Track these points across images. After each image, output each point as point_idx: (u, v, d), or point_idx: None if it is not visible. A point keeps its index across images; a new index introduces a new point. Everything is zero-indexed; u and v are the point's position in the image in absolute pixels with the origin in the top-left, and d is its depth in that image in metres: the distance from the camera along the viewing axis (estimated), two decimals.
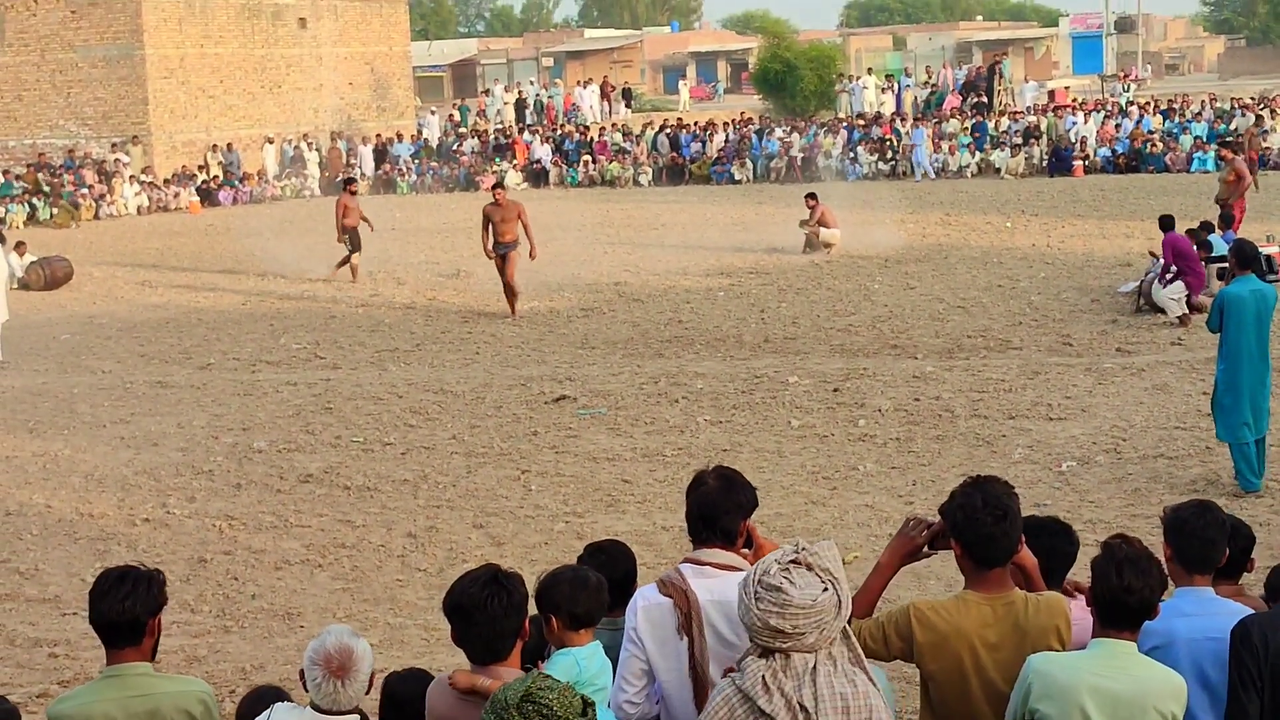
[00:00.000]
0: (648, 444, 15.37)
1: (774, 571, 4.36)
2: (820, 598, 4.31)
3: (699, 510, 5.64)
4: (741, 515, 5.64)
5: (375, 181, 52.34)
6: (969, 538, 5.20)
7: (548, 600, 5.23)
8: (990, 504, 5.16)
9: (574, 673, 4.99)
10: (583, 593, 5.22)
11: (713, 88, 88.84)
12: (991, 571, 5.22)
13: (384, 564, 12.03)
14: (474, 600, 4.90)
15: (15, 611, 11.27)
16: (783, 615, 4.28)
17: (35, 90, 51.05)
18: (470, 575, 5.01)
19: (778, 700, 4.27)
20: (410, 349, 21.37)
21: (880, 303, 23.45)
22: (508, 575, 4.97)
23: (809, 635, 4.29)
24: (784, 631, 4.28)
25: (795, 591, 4.29)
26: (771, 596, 4.30)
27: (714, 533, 5.61)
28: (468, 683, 4.87)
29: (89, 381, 20.10)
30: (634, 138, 53.15)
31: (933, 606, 5.30)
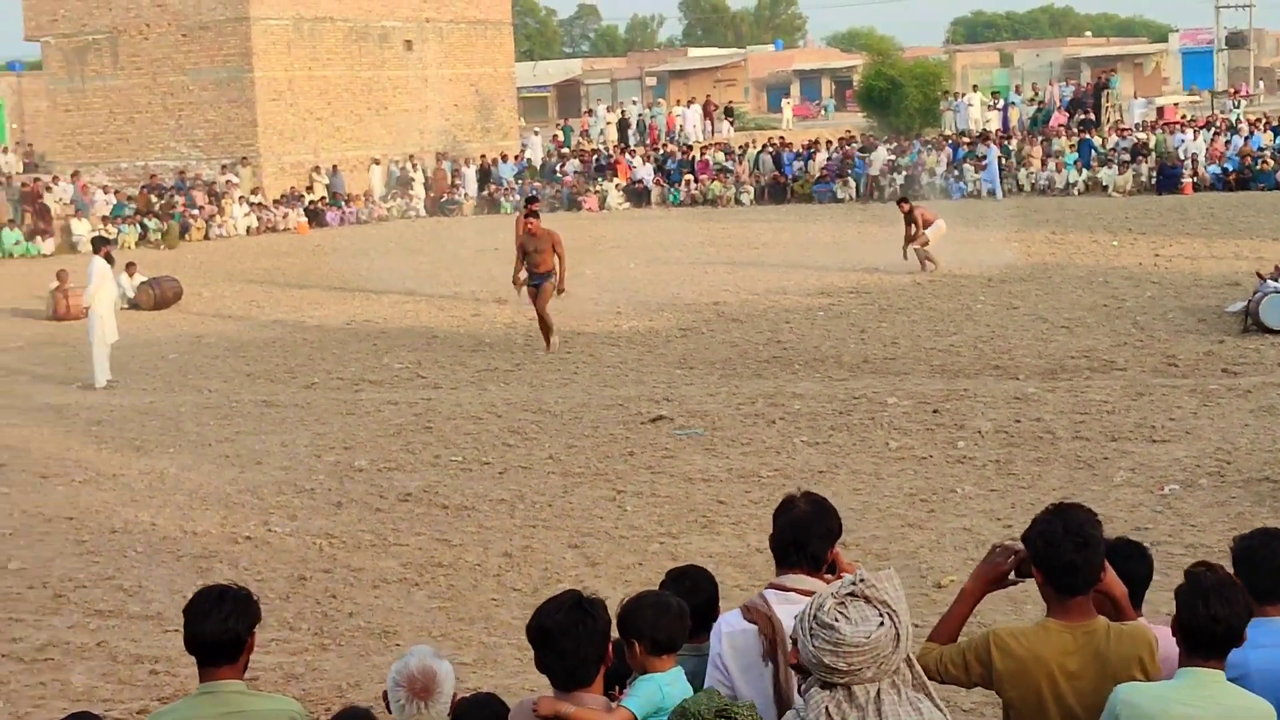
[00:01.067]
0: (744, 465, 15.36)
1: (829, 607, 4.33)
2: (875, 633, 4.28)
3: (789, 534, 5.61)
4: (829, 541, 5.62)
5: (479, 202, 52.77)
6: (1049, 566, 5.15)
7: (630, 625, 5.24)
8: (1071, 532, 5.11)
9: (657, 698, 5.00)
10: (665, 618, 5.22)
11: (818, 105, 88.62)
12: (1073, 599, 5.17)
13: (479, 583, 12.11)
14: (559, 626, 4.91)
15: (118, 628, 11.48)
16: (836, 653, 4.26)
17: (147, 113, 52.06)
18: (554, 601, 5.03)
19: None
20: (510, 369, 21.51)
21: (983, 322, 23.27)
22: (591, 601, 4.98)
23: (866, 670, 4.27)
24: (839, 669, 4.27)
25: (849, 629, 4.26)
26: (825, 634, 4.28)
27: (802, 557, 5.59)
28: (551, 709, 4.88)
29: (196, 400, 20.43)
30: (736, 156, 53.16)
31: (1012, 633, 5.26)
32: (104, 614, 11.82)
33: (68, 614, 11.86)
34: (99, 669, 10.64)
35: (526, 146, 59.02)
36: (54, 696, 9.94)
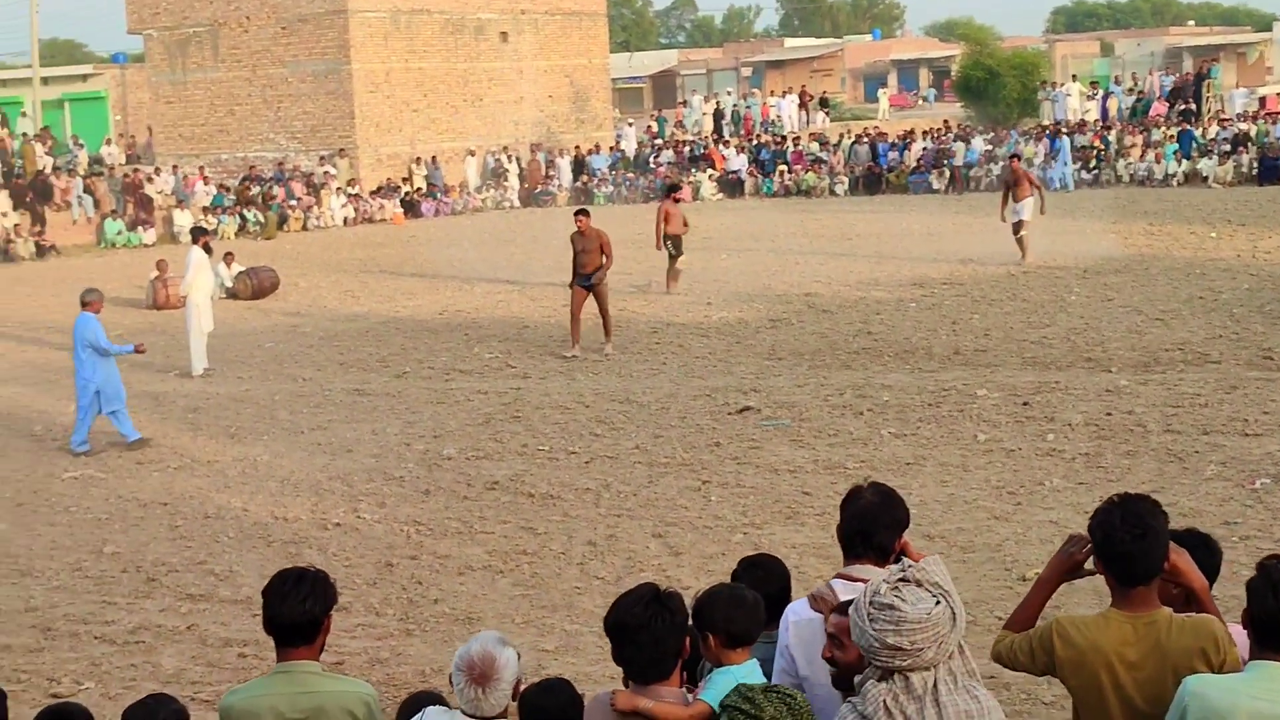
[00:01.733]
0: (830, 456, 15.35)
1: (884, 590, 4.36)
2: (934, 611, 4.30)
3: (856, 525, 5.61)
4: (897, 531, 5.61)
5: (573, 193, 52.94)
6: (1107, 555, 5.15)
7: (705, 618, 5.25)
8: (1129, 522, 5.09)
9: None
10: (740, 611, 5.23)
11: (915, 95, 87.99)
12: (1134, 590, 5.15)
13: (563, 571, 12.20)
14: (637, 620, 4.94)
15: (209, 612, 11.68)
16: (899, 632, 4.27)
17: (247, 105, 52.70)
18: (632, 594, 5.06)
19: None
20: (599, 358, 21.60)
21: (1076, 314, 23.05)
22: (668, 595, 5.01)
23: (927, 650, 4.28)
24: (902, 648, 4.28)
25: (908, 608, 4.28)
26: (885, 615, 4.30)
27: (869, 548, 5.59)
28: (629, 704, 4.90)
29: (289, 389, 20.70)
30: (831, 147, 52.95)
31: (1074, 622, 5.26)
32: (195, 598, 12.04)
33: (160, 597, 12.10)
34: (189, 652, 10.84)
35: (621, 137, 59.11)
36: (144, 678, 10.14)
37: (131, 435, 17.54)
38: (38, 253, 42.54)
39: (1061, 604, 9.51)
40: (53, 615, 11.74)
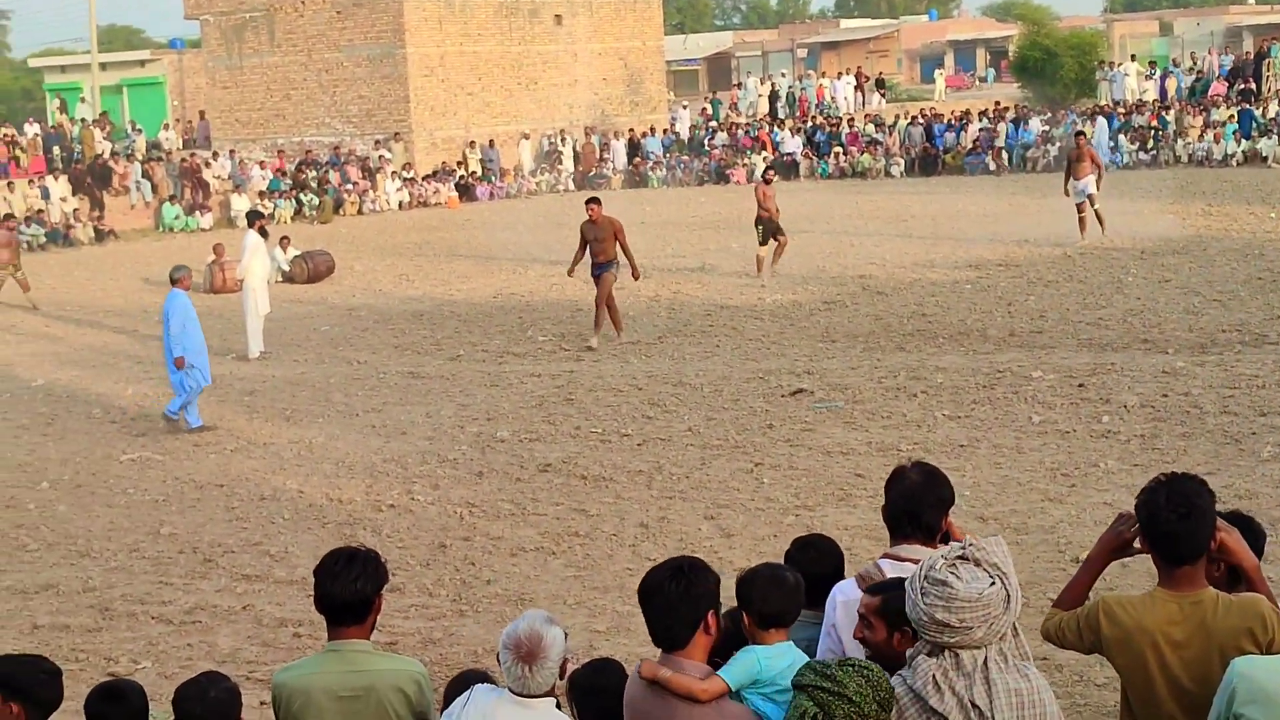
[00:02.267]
0: (883, 438, 15.31)
1: (940, 566, 4.36)
2: (987, 592, 4.29)
3: (902, 504, 5.61)
4: (943, 510, 5.61)
5: (627, 176, 52.93)
6: (1152, 534, 5.13)
7: (742, 596, 5.26)
8: (1174, 501, 5.06)
9: (754, 670, 5.02)
10: (776, 592, 5.23)
11: (973, 76, 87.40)
12: (1179, 569, 5.13)
13: (615, 553, 12.23)
14: (654, 584, 5.00)
15: (264, 592, 11.79)
16: (948, 609, 4.27)
17: (303, 89, 52.92)
18: (662, 564, 5.11)
19: (949, 699, 4.26)
20: (652, 341, 21.62)
21: (1133, 295, 22.88)
22: (694, 566, 5.03)
23: (976, 630, 4.27)
24: (950, 625, 4.28)
25: (961, 585, 4.28)
26: (937, 591, 4.30)
27: (916, 527, 5.59)
28: (651, 672, 4.95)
29: (345, 372, 20.82)
30: (886, 128, 52.68)
31: (1120, 602, 5.24)
32: (251, 578, 12.14)
33: (216, 578, 12.21)
34: (244, 632, 10.94)
35: (675, 120, 59.00)
36: (200, 658, 10.24)
37: (192, 421, 17.64)
38: (96, 237, 42.93)
39: (1115, 584, 9.47)
40: (110, 595, 11.88)
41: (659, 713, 4.94)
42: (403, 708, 5.68)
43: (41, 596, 11.96)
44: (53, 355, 23.69)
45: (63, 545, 13.33)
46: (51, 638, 10.96)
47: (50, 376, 21.67)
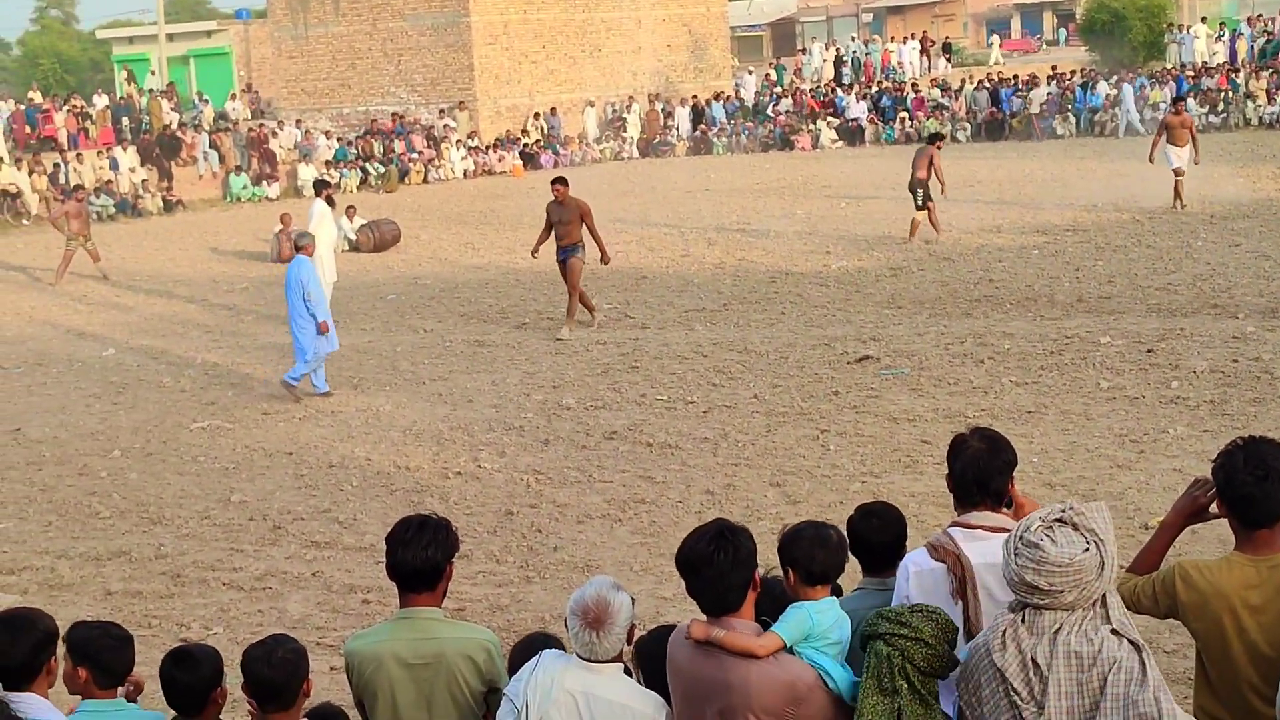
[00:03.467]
0: (950, 405, 15.24)
1: (1035, 529, 4.37)
2: (1080, 557, 4.29)
3: (970, 473, 5.58)
4: (1008, 474, 5.59)
5: (691, 143, 52.79)
6: (1230, 497, 5.10)
7: (787, 555, 5.29)
8: (1251, 464, 5.03)
9: (806, 625, 5.04)
10: (821, 550, 5.26)
11: (1039, 39, 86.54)
12: (1258, 532, 5.09)
13: (681, 520, 12.24)
14: (701, 555, 5.00)
15: (333, 559, 11.89)
16: (1038, 571, 4.28)
17: (368, 59, 53.06)
18: (699, 531, 5.12)
19: (1011, 654, 4.28)
20: (717, 309, 21.59)
21: (1203, 260, 22.64)
22: (734, 530, 5.05)
23: (1067, 594, 4.28)
24: (1039, 588, 4.29)
25: (1053, 549, 4.29)
26: (1029, 553, 4.31)
27: (985, 494, 5.58)
28: (703, 633, 4.97)
29: (411, 340, 20.92)
30: (953, 93, 52.26)
31: (1197, 566, 5.21)
32: (320, 545, 12.26)
33: (286, 545, 12.33)
34: (314, 598, 11.05)
35: (740, 86, 58.76)
36: (271, 624, 10.34)
37: (320, 385, 17.82)
38: (165, 208, 43.27)
39: (1183, 551, 9.40)
40: (182, 562, 12.02)
41: (712, 672, 4.96)
42: (473, 676, 5.72)
43: (114, 563, 12.12)
44: (123, 325, 23.93)
45: (134, 513, 13.50)
46: (124, 604, 11.11)
47: (121, 346, 21.90)
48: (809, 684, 4.94)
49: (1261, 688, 5.05)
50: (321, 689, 9.04)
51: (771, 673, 4.92)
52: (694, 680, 5.04)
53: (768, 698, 4.90)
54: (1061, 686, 4.24)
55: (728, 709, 4.94)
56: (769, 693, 4.90)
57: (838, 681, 5.00)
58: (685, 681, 5.09)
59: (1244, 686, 5.11)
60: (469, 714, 5.76)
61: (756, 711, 4.90)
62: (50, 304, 26.64)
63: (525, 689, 5.16)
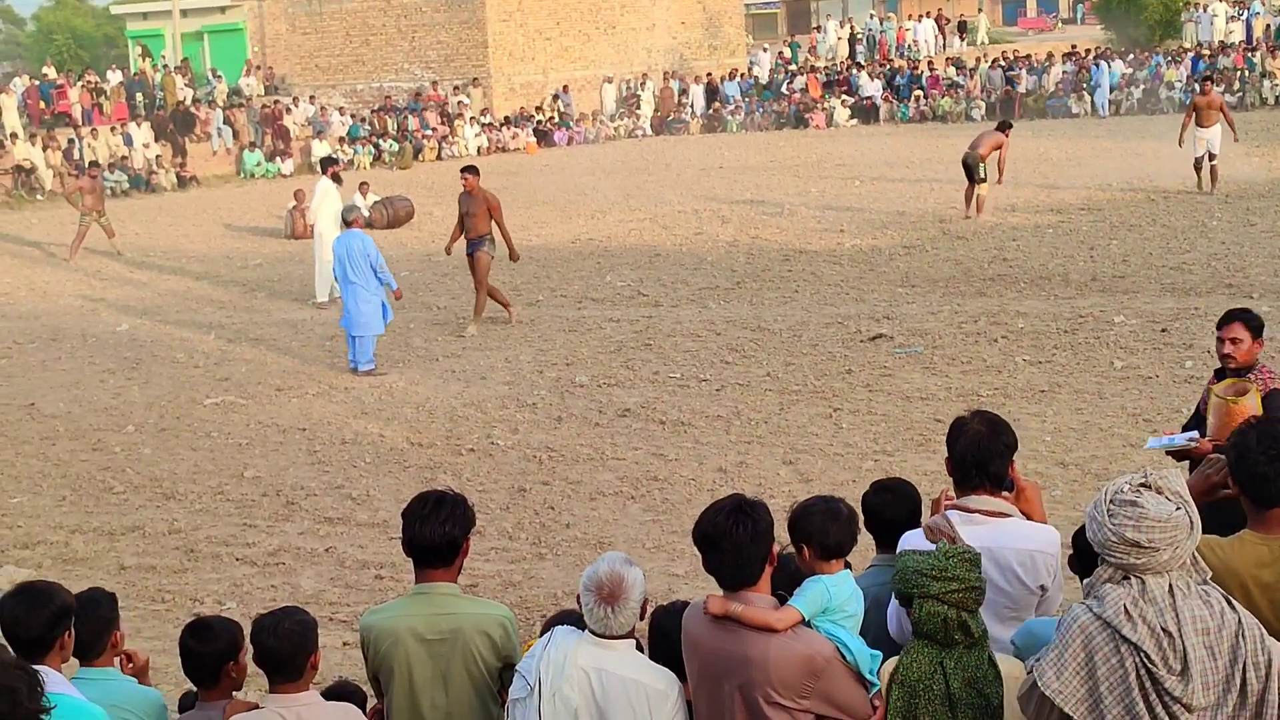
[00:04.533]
0: (963, 384, 15.22)
1: (1126, 490, 4.38)
2: (1175, 514, 4.31)
3: (970, 456, 5.57)
4: (1008, 457, 5.59)
5: (705, 120, 52.70)
6: (1242, 477, 5.10)
7: (800, 530, 5.29)
8: (1264, 443, 5.03)
9: (824, 599, 5.04)
10: (834, 524, 5.25)
11: (1054, 18, 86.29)
12: (1270, 511, 5.09)
13: (694, 497, 12.25)
14: (720, 529, 4.99)
15: (346, 535, 11.92)
16: (1138, 528, 4.27)
17: (382, 35, 53.01)
18: (716, 505, 5.11)
19: (1142, 628, 4.26)
20: (731, 286, 21.56)
21: (1218, 240, 22.58)
22: (752, 504, 5.05)
23: (1163, 551, 4.28)
24: (1140, 545, 4.28)
25: (1151, 507, 4.30)
26: (1126, 511, 4.30)
27: (985, 477, 5.58)
28: (721, 608, 4.97)
29: (425, 317, 20.94)
30: (967, 71, 52.12)
31: (1208, 544, 5.19)
32: (333, 521, 12.28)
33: (299, 520, 12.36)
34: (327, 573, 11.07)
35: (754, 64, 58.65)
36: (284, 599, 10.35)
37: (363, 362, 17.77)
38: (179, 183, 43.32)
39: None
40: (196, 537, 12.05)
41: (730, 647, 4.96)
42: (489, 651, 5.74)
43: (128, 538, 12.16)
44: (137, 301, 23.96)
45: (148, 488, 13.53)
46: (138, 578, 11.15)
47: (134, 322, 21.93)
48: (827, 657, 4.95)
49: None
50: (334, 664, 9.09)
51: (790, 646, 4.92)
52: (712, 655, 5.05)
53: (786, 671, 4.90)
54: (1197, 652, 4.25)
55: (746, 683, 4.94)
56: (787, 666, 4.90)
57: (855, 654, 5.00)
58: (703, 656, 5.09)
59: None
60: (485, 689, 5.79)
61: (775, 685, 4.91)
62: (65, 279, 26.68)
63: (538, 665, 5.17)
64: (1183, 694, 4.23)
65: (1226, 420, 7.81)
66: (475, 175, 19.79)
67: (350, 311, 17.66)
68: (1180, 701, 4.23)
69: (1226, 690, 4.28)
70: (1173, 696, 4.23)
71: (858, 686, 5.02)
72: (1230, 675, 4.29)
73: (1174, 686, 4.23)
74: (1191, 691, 4.23)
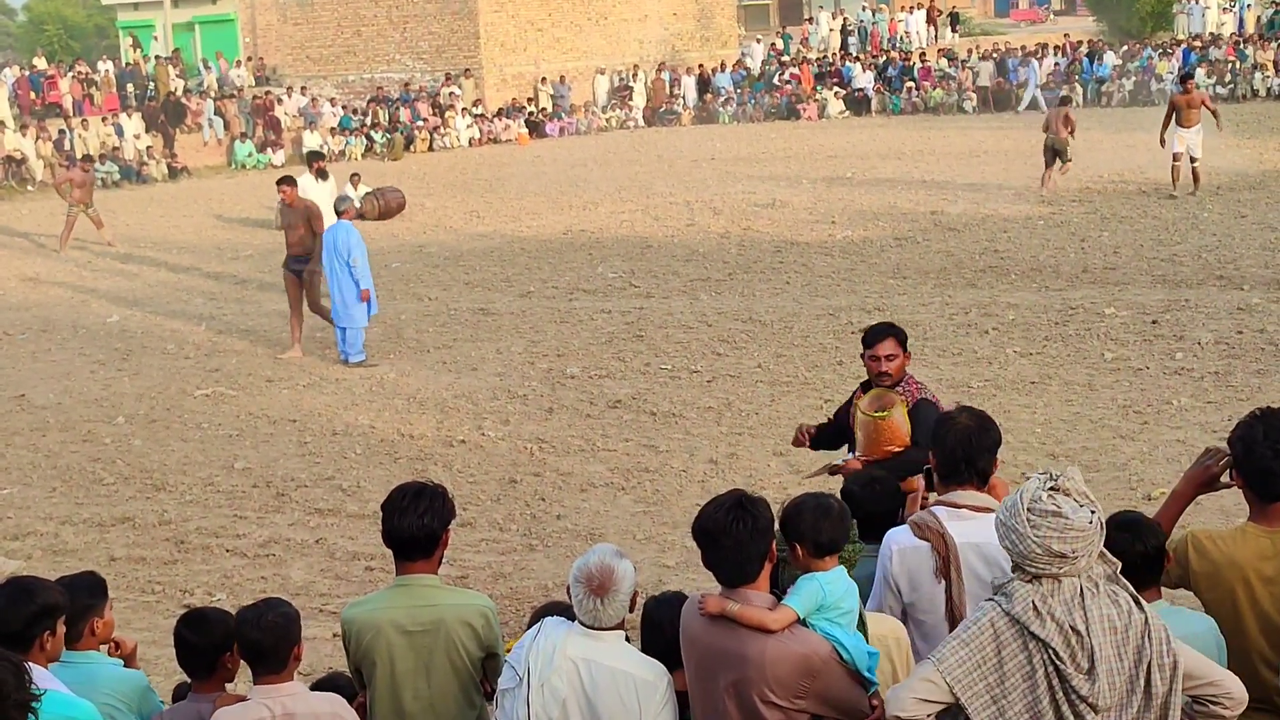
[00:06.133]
0: (954, 375, 15.23)
1: (1044, 499, 4.34)
2: (1092, 518, 4.30)
3: (960, 451, 5.55)
4: (994, 453, 5.60)
5: (697, 112, 52.67)
6: (1248, 469, 5.09)
7: (792, 529, 5.25)
8: (1272, 436, 5.01)
9: (819, 596, 5.03)
10: (825, 521, 5.22)
11: (1046, 9, 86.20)
12: (1273, 505, 5.08)
13: (684, 489, 12.26)
14: (720, 525, 4.97)
15: (337, 526, 11.91)
16: (1063, 539, 4.25)
17: (373, 25, 52.87)
18: (716, 501, 5.10)
19: (1051, 626, 4.25)
20: (722, 278, 21.56)
21: (1208, 232, 22.60)
22: (753, 500, 5.03)
23: (1083, 558, 4.28)
24: (1065, 555, 4.26)
25: (1072, 515, 4.28)
26: (1050, 523, 4.27)
27: (972, 473, 5.57)
28: (717, 608, 4.95)
29: (416, 308, 20.91)
30: (959, 63, 52.09)
31: (1210, 536, 5.20)
32: (323, 512, 12.28)
33: (289, 512, 12.36)
34: (317, 565, 11.08)
35: (746, 55, 58.59)
36: (274, 590, 10.35)
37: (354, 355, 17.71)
38: (170, 174, 43.22)
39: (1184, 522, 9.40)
40: (186, 529, 12.04)
41: (727, 644, 4.95)
42: (471, 642, 5.75)
43: (118, 529, 12.15)
44: (127, 291, 23.92)
45: (138, 479, 13.52)
46: (128, 570, 11.14)
47: (125, 313, 21.89)
48: (824, 657, 4.93)
49: (1272, 658, 5.07)
50: (325, 655, 9.10)
51: (787, 646, 4.91)
52: (708, 652, 5.04)
53: (782, 671, 4.90)
54: (1104, 651, 4.24)
55: (742, 680, 4.94)
56: (784, 666, 4.90)
57: (852, 652, 4.99)
58: (700, 653, 5.09)
59: (1254, 657, 5.12)
60: (467, 680, 5.81)
61: (771, 684, 4.90)
62: (55, 270, 26.63)
63: (527, 656, 5.16)
64: (1089, 693, 4.22)
65: (875, 437, 7.85)
66: (293, 186, 18.54)
67: (335, 302, 17.66)
68: (1086, 701, 4.22)
69: (1131, 690, 4.27)
70: (1079, 695, 4.22)
71: (854, 686, 5.01)
72: (1135, 676, 4.28)
73: (1081, 685, 4.22)
74: (1098, 691, 4.22)
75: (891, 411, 7.80)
